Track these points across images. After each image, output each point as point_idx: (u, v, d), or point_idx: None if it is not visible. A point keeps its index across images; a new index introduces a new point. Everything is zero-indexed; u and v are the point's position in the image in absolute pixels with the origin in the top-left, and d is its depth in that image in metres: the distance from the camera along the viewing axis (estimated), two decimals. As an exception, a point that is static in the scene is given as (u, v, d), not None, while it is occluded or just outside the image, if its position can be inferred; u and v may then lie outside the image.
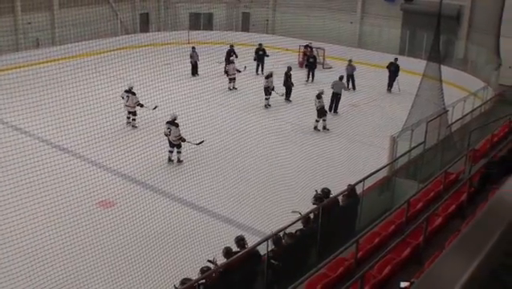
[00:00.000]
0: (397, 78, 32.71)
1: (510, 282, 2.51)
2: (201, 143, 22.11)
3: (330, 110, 28.31)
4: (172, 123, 21.68)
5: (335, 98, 28.93)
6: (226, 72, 32.01)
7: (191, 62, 34.49)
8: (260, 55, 35.11)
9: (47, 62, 26.27)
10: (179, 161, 21.88)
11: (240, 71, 31.77)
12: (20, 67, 28.48)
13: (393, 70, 33.11)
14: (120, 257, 15.14)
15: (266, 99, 29.02)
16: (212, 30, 42.53)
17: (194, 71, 34.51)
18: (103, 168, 20.64)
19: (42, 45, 35.28)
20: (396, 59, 33.32)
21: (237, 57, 33.61)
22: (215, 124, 24.02)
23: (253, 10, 45.46)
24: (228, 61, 33.35)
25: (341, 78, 29.59)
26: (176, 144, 21.70)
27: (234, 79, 31.86)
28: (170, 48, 31.13)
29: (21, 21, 34.96)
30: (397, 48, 39.65)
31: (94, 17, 31.87)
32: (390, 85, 33.25)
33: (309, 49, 36.11)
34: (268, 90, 28.97)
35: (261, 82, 29.66)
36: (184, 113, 21.08)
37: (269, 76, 29.20)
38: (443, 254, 2.39)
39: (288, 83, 30.29)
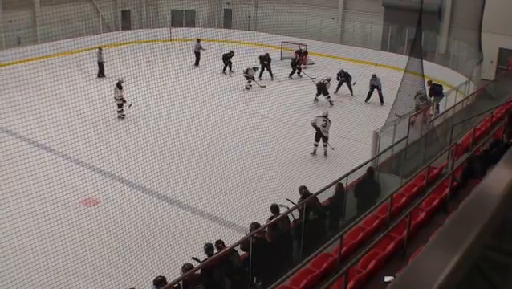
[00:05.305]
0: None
1: (492, 275, 2.53)
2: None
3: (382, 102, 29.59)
4: (327, 117, 23.15)
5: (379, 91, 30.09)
6: (246, 72, 32.03)
7: (195, 52, 36.46)
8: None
9: (29, 60, 26.10)
10: (325, 154, 23.18)
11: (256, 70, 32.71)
12: (1, 66, 28.35)
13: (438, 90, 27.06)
14: (105, 254, 15.13)
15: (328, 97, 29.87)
16: (194, 27, 42.52)
17: (197, 61, 36.59)
18: (86, 166, 20.59)
19: (23, 43, 35.04)
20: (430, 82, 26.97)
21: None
22: (201, 121, 24.02)
23: (235, 7, 45.41)
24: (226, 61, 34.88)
25: (374, 76, 30.19)
26: (326, 136, 22.99)
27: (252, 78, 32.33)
28: (152, 45, 31.10)
29: (2, 19, 34.66)
30: (379, 44, 39.82)
31: (75, 15, 31.67)
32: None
33: (297, 54, 35.89)
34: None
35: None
36: (176, 109, 21.22)
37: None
38: (425, 247, 2.40)
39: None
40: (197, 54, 36.70)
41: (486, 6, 29.38)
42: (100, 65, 33.24)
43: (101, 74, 33.32)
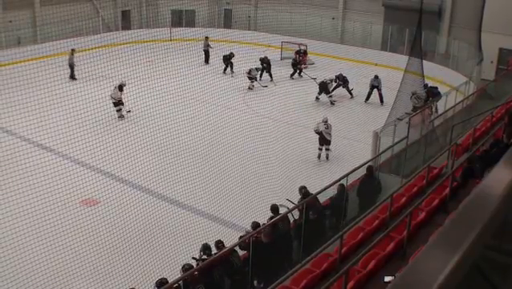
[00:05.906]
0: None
1: (492, 275, 2.53)
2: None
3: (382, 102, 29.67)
4: (327, 122, 22.80)
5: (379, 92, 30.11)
6: (249, 72, 31.89)
7: (204, 51, 36.83)
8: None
9: (29, 60, 26.10)
10: (327, 158, 22.97)
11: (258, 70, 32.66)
12: (1, 66, 28.34)
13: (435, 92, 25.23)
14: (105, 254, 15.12)
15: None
16: (194, 27, 42.53)
17: (207, 59, 36.92)
18: (86, 166, 20.57)
19: (23, 43, 35.02)
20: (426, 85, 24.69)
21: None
22: (202, 121, 24.01)
23: (235, 7, 45.39)
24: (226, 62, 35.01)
25: (376, 76, 30.14)
26: (329, 139, 22.77)
27: (255, 79, 32.30)
28: (152, 45, 31.10)
29: (2, 19, 34.64)
30: (379, 44, 39.80)
31: (75, 15, 31.66)
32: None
33: (297, 55, 35.84)
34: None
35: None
36: (176, 109, 21.25)
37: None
38: (425, 247, 2.40)
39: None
40: (206, 52, 37.06)
41: (486, 6, 29.37)
42: (71, 67, 32.62)
43: (72, 76, 32.53)
